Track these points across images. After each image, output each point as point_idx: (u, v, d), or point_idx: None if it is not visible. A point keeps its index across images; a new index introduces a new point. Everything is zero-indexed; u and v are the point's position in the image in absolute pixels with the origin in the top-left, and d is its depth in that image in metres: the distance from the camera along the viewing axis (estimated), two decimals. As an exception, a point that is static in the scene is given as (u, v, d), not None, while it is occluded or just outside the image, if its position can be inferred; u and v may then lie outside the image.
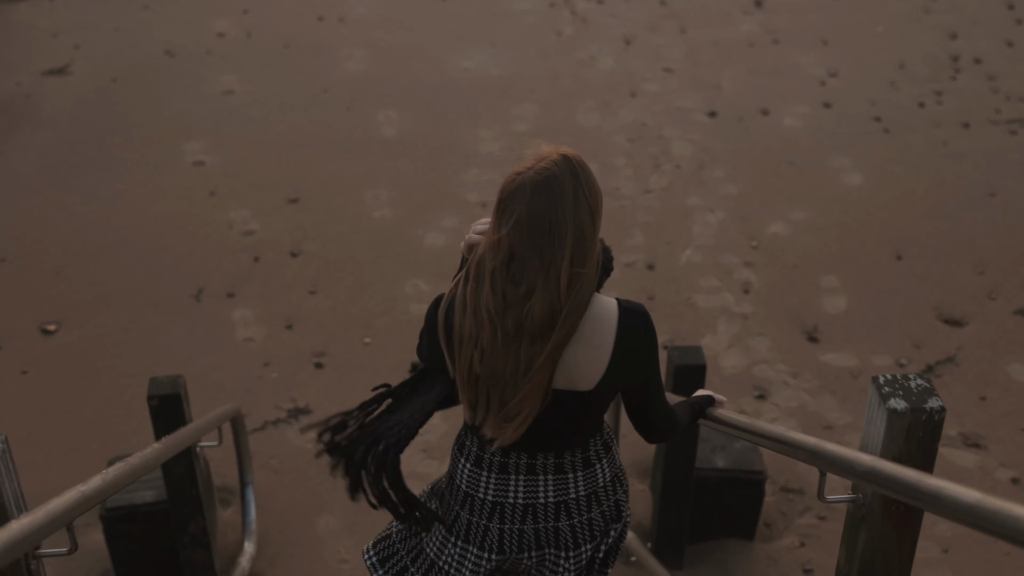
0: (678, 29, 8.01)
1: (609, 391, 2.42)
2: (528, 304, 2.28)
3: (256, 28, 8.02)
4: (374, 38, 7.89)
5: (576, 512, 2.64)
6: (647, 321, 2.38)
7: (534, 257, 2.26)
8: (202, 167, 6.46)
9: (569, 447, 2.58)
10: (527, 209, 2.24)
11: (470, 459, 2.62)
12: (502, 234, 2.27)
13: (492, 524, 2.63)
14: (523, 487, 2.62)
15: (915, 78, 7.43)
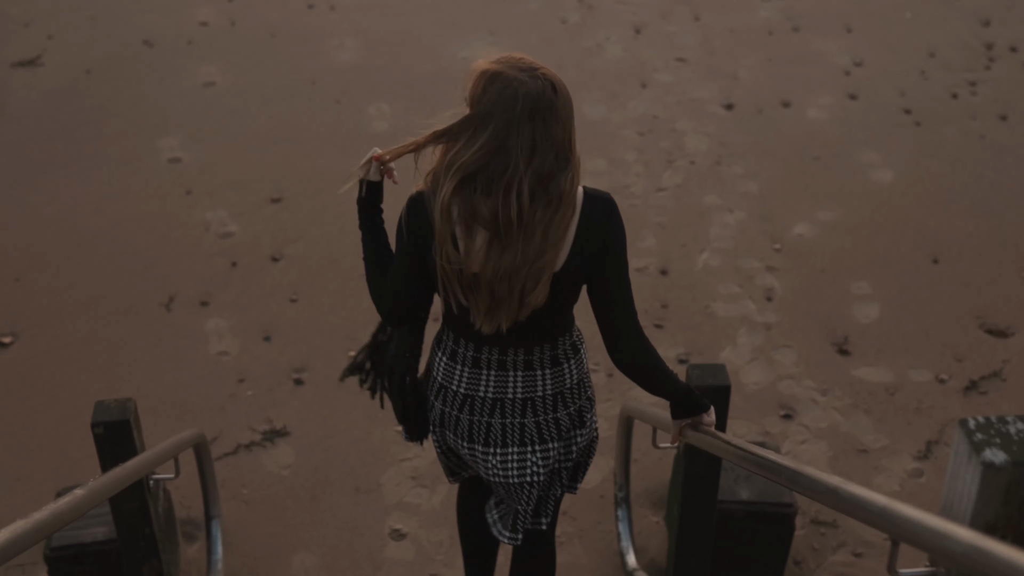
0: (691, 16, 7.62)
1: (574, 275, 2.55)
2: (553, 185, 2.42)
3: (241, 16, 7.64)
4: (366, 26, 7.51)
5: (542, 411, 2.81)
6: (612, 206, 2.53)
7: (556, 142, 2.41)
8: (178, 164, 6.08)
9: (538, 342, 2.73)
10: (538, 100, 2.39)
11: (446, 353, 2.81)
12: (512, 134, 2.39)
13: (463, 415, 2.82)
14: (493, 382, 2.79)
15: (947, 67, 7.02)
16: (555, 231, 2.47)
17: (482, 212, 2.43)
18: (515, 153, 2.41)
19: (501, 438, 2.83)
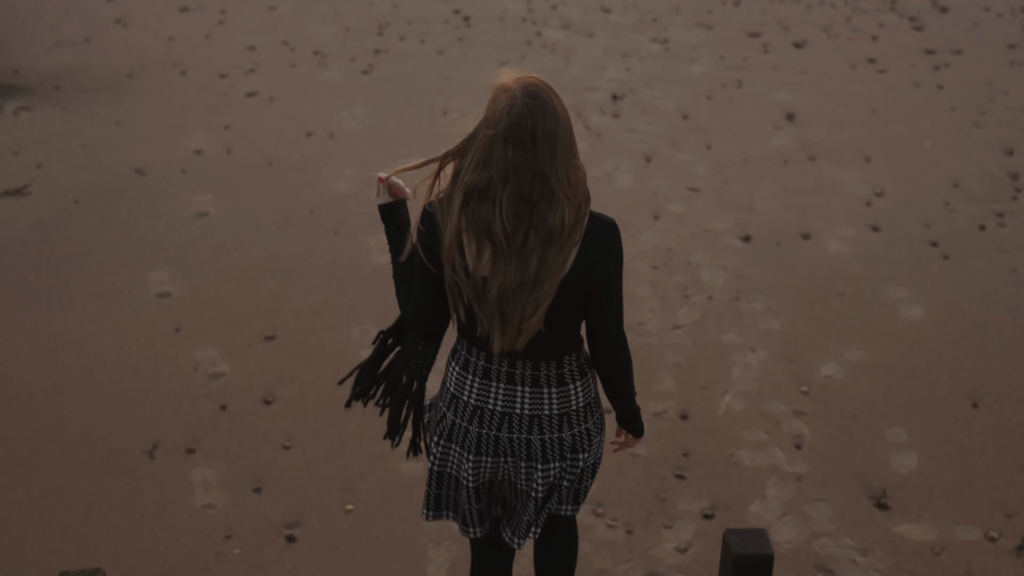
0: (703, 144, 7.44)
1: (572, 289, 2.76)
2: (536, 212, 2.62)
3: (237, 144, 7.46)
4: (365, 154, 7.32)
5: (548, 429, 2.99)
6: (613, 231, 2.78)
7: (533, 167, 2.60)
8: (167, 299, 5.82)
9: (544, 357, 2.93)
10: (520, 123, 2.58)
11: (459, 363, 3.01)
12: (499, 152, 2.60)
13: (472, 427, 3.00)
14: (502, 395, 2.98)
15: (972, 198, 6.82)
16: (551, 263, 2.69)
17: (481, 224, 2.65)
18: (495, 170, 2.63)
19: (509, 450, 3.03)
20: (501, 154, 2.61)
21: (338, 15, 9.28)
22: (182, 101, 7.96)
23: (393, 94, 8.09)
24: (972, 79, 8.25)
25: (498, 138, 2.61)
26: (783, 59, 8.55)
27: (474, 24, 9.15)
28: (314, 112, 7.86)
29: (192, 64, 8.46)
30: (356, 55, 8.64)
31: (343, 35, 8.94)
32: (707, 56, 8.58)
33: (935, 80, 8.24)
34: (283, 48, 8.75)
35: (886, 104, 7.92)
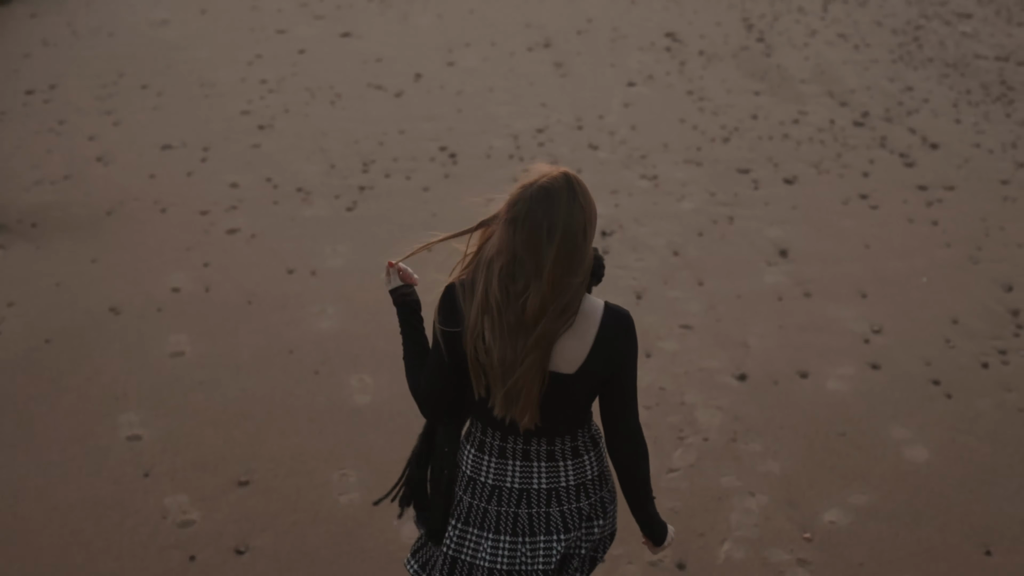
0: (695, 281, 7.30)
1: (589, 377, 2.97)
2: (524, 298, 2.85)
3: (216, 282, 7.30)
4: (349, 292, 7.16)
5: (566, 500, 3.13)
6: (629, 323, 3.00)
7: (531, 258, 2.84)
8: (137, 442, 5.58)
9: (559, 433, 3.09)
10: (527, 215, 2.85)
11: (474, 445, 3.16)
12: (507, 237, 2.86)
13: (491, 506, 3.12)
14: (519, 472, 3.11)
15: (973, 335, 6.66)
16: (526, 338, 2.89)
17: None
18: (493, 247, 2.94)
19: (528, 527, 3.14)
20: (498, 235, 2.91)
21: (323, 152, 9.21)
22: (161, 238, 7.83)
23: (378, 231, 7.97)
24: (966, 215, 8.17)
25: (503, 220, 2.91)
26: (774, 195, 8.47)
27: (460, 161, 9.08)
28: (296, 249, 7.72)
29: (173, 201, 8.35)
30: (340, 192, 8.54)
31: (327, 172, 8.86)
32: (697, 192, 8.50)
33: (929, 216, 8.15)
34: (266, 185, 8.65)
35: (880, 240, 7.81)
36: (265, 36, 11.98)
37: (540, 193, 2.88)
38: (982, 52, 11.34)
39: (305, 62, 11.24)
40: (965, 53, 11.33)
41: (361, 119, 9.89)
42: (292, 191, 8.57)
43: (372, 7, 12.92)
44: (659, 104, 10.00)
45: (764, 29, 12.06)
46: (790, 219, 8.11)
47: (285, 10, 12.80)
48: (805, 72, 10.87)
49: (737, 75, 10.82)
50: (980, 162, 9.00)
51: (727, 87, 10.53)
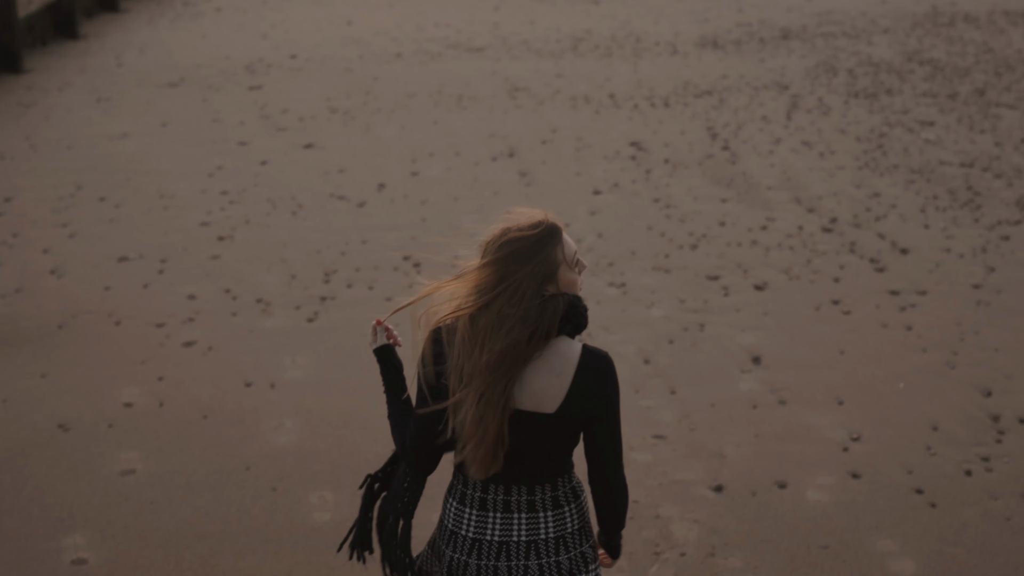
0: (667, 389, 7.10)
1: (569, 418, 3.09)
2: (486, 341, 3.04)
3: (171, 397, 7.04)
4: (309, 405, 6.92)
5: (545, 553, 3.19)
6: (608, 362, 3.15)
7: (492, 303, 3.07)
8: (82, 566, 5.28)
9: (539, 481, 3.19)
10: (495, 259, 3.11)
11: (456, 497, 3.27)
12: (480, 277, 3.13)
13: (471, 560, 3.20)
14: (500, 525, 3.19)
15: (954, 441, 6.47)
16: (495, 383, 3.06)
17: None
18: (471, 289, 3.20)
19: None
20: (480, 276, 3.15)
21: (284, 263, 9.02)
22: (114, 352, 7.57)
23: (340, 341, 7.75)
24: (940, 320, 8.03)
25: (481, 264, 3.17)
26: (745, 301, 8.33)
27: (425, 270, 8.91)
28: (255, 361, 7.48)
29: (128, 314, 8.11)
30: (301, 303, 8.34)
31: (288, 283, 8.66)
32: (666, 299, 8.34)
33: (902, 321, 8.01)
34: (225, 296, 8.43)
35: (854, 345, 7.65)
36: (227, 148, 11.86)
37: (508, 238, 3.15)
38: (946, 159, 11.35)
39: (267, 173, 11.11)
40: (930, 160, 11.32)
41: (323, 229, 9.73)
42: (251, 302, 8.35)
43: (335, 119, 12.85)
44: (625, 212, 9.90)
45: (728, 138, 12.05)
46: (762, 325, 7.95)
47: (247, 122, 12.71)
48: (771, 179, 10.83)
49: (703, 182, 10.76)
50: (951, 267, 8.90)
51: (693, 194, 10.45)
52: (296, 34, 16.95)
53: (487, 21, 17.73)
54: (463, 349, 3.11)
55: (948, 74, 14.49)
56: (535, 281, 3.12)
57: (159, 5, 19.23)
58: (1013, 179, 10.80)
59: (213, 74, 14.75)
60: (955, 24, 17.20)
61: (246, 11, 18.55)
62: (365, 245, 9.40)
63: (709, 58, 15.44)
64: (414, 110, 13.19)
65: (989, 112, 12.88)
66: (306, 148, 11.86)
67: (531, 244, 3.14)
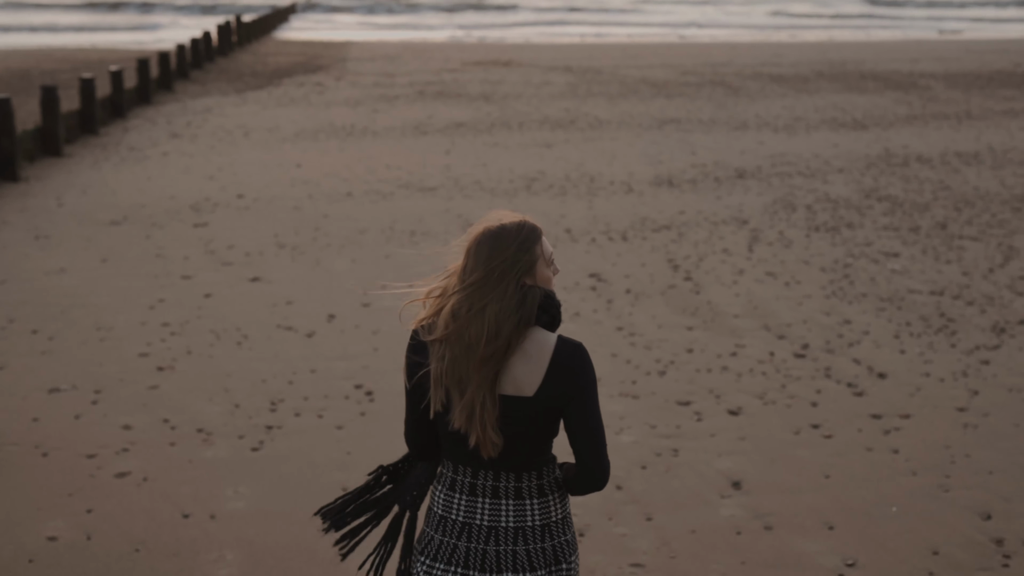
0: (642, 516, 6.58)
1: (547, 401, 3.37)
2: (468, 325, 3.33)
3: (100, 530, 6.42)
4: (252, 535, 6.31)
5: (532, 540, 3.43)
6: (582, 350, 3.45)
7: (472, 292, 3.36)
8: None
9: (526, 468, 3.44)
10: (476, 251, 3.40)
11: (445, 484, 3.52)
12: (460, 270, 3.43)
13: (460, 543, 3.44)
14: (488, 510, 3.44)
15: (957, 567, 5.97)
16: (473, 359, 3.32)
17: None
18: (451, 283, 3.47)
19: (495, 564, 3.39)
20: (460, 269, 3.41)
21: (227, 392, 8.47)
22: (39, 484, 6.95)
23: (286, 471, 7.18)
24: (927, 443, 7.59)
25: (464, 256, 3.42)
26: (719, 426, 7.86)
27: (378, 398, 8.39)
28: (193, 492, 6.88)
29: (56, 445, 7.50)
30: (245, 432, 7.77)
31: (231, 412, 8.10)
32: (636, 425, 7.86)
33: (888, 444, 7.57)
34: (163, 426, 7.85)
35: (840, 470, 7.18)
36: (169, 282, 11.37)
37: (491, 232, 3.42)
38: (915, 287, 11.06)
39: (211, 305, 10.61)
40: (898, 288, 11.03)
41: (269, 359, 9.20)
42: (191, 432, 7.77)
43: (283, 254, 12.42)
44: (589, 340, 9.46)
45: (690, 269, 11.72)
46: (739, 450, 7.47)
47: (192, 257, 12.25)
48: (737, 308, 10.47)
49: (667, 311, 10.38)
50: (932, 390, 8.51)
51: (658, 323, 10.06)
52: (244, 176, 16.62)
53: (439, 164, 17.52)
54: (450, 344, 3.35)
55: (908, 209, 14.36)
56: (517, 273, 3.37)
57: (103, 150, 18.89)
58: (985, 306, 10.50)
59: (157, 212, 14.33)
60: (909, 164, 17.20)
61: (192, 155, 18.24)
62: (314, 374, 8.87)
63: (665, 196, 15.25)
64: (365, 245, 12.80)
65: (953, 244, 12.68)
66: (252, 281, 11.39)
67: (515, 238, 3.40)
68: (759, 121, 21.21)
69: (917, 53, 34.25)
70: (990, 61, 31.54)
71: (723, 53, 34.59)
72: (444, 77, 28.40)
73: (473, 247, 3.40)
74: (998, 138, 19.36)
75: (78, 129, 20.07)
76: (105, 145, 19.40)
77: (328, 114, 22.47)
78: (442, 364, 3.35)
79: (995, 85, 26.33)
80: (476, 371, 3.30)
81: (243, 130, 20.60)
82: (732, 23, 49.33)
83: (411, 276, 11.41)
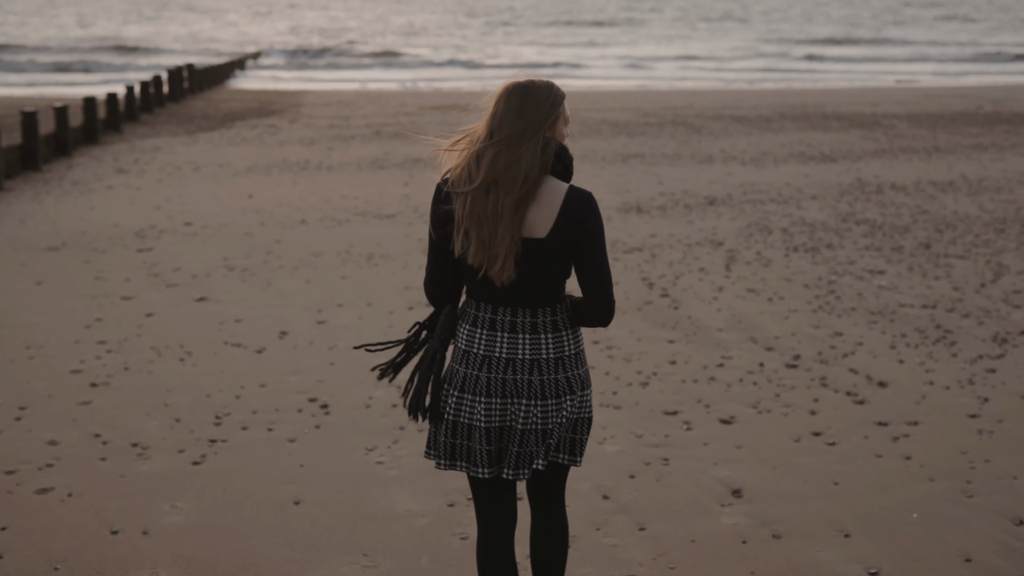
0: (634, 526, 5.84)
1: (558, 242, 3.75)
2: (505, 172, 3.71)
3: (15, 547, 5.61)
4: (191, 551, 5.50)
5: (546, 370, 3.83)
6: (590, 197, 3.81)
7: (497, 130, 3.76)
8: None
9: (540, 304, 3.84)
10: (507, 100, 3.78)
11: (468, 320, 3.91)
12: (487, 119, 3.80)
13: (482, 373, 3.84)
14: (507, 343, 3.83)
15: (995, 573, 5.25)
16: (496, 203, 3.77)
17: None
18: (476, 135, 3.90)
19: (514, 391, 3.83)
20: (487, 118, 3.81)
21: (166, 407, 7.66)
22: (-51, 501, 6.11)
23: (232, 484, 6.39)
24: (942, 449, 6.91)
25: (492, 107, 3.82)
26: (712, 435, 7.14)
27: (334, 411, 7.61)
28: (124, 508, 6.07)
29: (-29, 462, 6.67)
30: (185, 446, 6.97)
31: (171, 426, 7.30)
32: (620, 435, 7.13)
33: (898, 451, 6.87)
34: (93, 441, 7.04)
35: (849, 477, 6.48)
36: (109, 302, 10.55)
37: (520, 86, 3.81)
38: (906, 302, 10.43)
39: (152, 324, 9.80)
40: (888, 303, 10.40)
41: (215, 375, 8.41)
42: (124, 446, 6.97)
43: (232, 276, 11.62)
44: (563, 352, 8.73)
45: (667, 287, 11.04)
46: (736, 458, 6.75)
47: (134, 279, 11.43)
48: (720, 322, 9.78)
49: (645, 326, 9.68)
50: (939, 398, 7.84)
51: (636, 336, 9.35)
52: (192, 206, 15.83)
53: (397, 194, 16.81)
54: (478, 192, 3.74)
55: (888, 231, 13.77)
56: (546, 125, 3.81)
57: (45, 184, 18.03)
58: (983, 318, 9.87)
59: (99, 239, 13.50)
60: (883, 192, 16.66)
61: (139, 188, 17.41)
62: (264, 388, 8.08)
63: (634, 221, 14.60)
64: (320, 267, 12.03)
65: (940, 262, 12.08)
66: (198, 301, 10.59)
67: (548, 95, 3.85)
68: (725, 155, 20.68)
69: (876, 97, 33.99)
70: (950, 104, 31.30)
71: (682, 98, 34.19)
72: (400, 119, 27.74)
73: (504, 97, 3.77)
74: (971, 168, 18.91)
75: (19, 164, 19.19)
76: (48, 180, 18.53)
77: (281, 151, 21.72)
78: (464, 209, 3.74)
79: (959, 124, 26.01)
80: (510, 211, 3.69)
81: (193, 166, 19.81)
82: (685, 77, 49.16)
83: (370, 296, 10.75)
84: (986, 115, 28.17)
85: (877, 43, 67.34)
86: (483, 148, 3.71)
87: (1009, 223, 14.24)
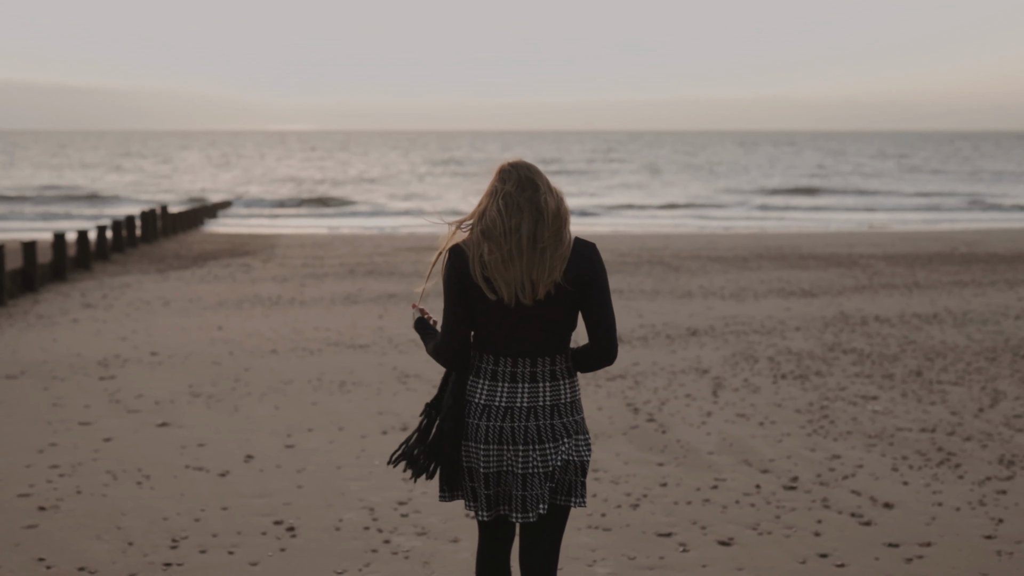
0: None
1: (566, 292, 4.15)
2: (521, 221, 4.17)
3: None
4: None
5: (543, 416, 4.16)
6: (594, 248, 4.22)
7: (527, 202, 4.23)
8: None
9: (540, 353, 4.18)
10: (516, 174, 4.26)
11: (486, 376, 4.20)
12: (498, 189, 4.24)
13: (505, 424, 4.12)
14: (528, 393, 4.15)
15: None
16: (532, 254, 4.18)
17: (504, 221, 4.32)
18: (484, 205, 4.37)
19: (511, 438, 4.13)
20: (498, 188, 4.26)
21: (119, 530, 7.08)
22: None
23: (184, 609, 5.78)
24: (959, 571, 6.39)
25: (499, 183, 4.27)
26: (711, 557, 6.60)
27: (301, 534, 7.04)
28: (65, 634, 5.46)
29: (-101, 586, 6.05)
30: (137, 570, 6.38)
31: (123, 549, 6.72)
32: (611, 557, 6.59)
33: (912, 572, 6.35)
34: (37, 566, 6.44)
35: (863, 598, 5.93)
36: (64, 427, 9.98)
37: (511, 163, 4.32)
38: (903, 426, 9.97)
39: (110, 449, 9.23)
40: (885, 427, 9.93)
41: (174, 498, 7.83)
42: (70, 570, 6.38)
43: (197, 402, 11.08)
44: (546, 475, 8.19)
45: (652, 412, 10.56)
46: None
47: (93, 406, 10.87)
48: (711, 445, 9.29)
49: (632, 449, 9.18)
50: (949, 519, 7.33)
51: (623, 460, 8.84)
52: (159, 337, 15.32)
53: (371, 326, 16.35)
54: (495, 243, 4.16)
55: (876, 359, 13.37)
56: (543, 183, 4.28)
57: (9, 317, 17.51)
58: (986, 441, 9.41)
59: (60, 368, 12.95)
60: (868, 323, 16.31)
61: (105, 321, 16.91)
62: (226, 511, 7.51)
63: (616, 351, 14.15)
64: (290, 394, 11.50)
65: (933, 388, 11.65)
66: (160, 427, 10.03)
67: (537, 172, 4.28)
68: (704, 291, 20.37)
69: (851, 240, 33.98)
70: (925, 246, 31.28)
71: (656, 241, 34.14)
72: (375, 259, 27.45)
73: (512, 172, 4.27)
74: (954, 303, 18.63)
75: (-18, 299, 18.69)
76: (11, 314, 18.01)
77: (254, 287, 21.30)
78: (483, 260, 4.13)
79: (936, 263, 25.88)
80: (539, 254, 4.11)
81: (162, 300, 19.34)
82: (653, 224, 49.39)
83: (342, 421, 10.21)
84: (962, 255, 28.09)
85: (846, 192, 68.07)
86: (490, 205, 4.25)
87: (1000, 352, 13.86)
